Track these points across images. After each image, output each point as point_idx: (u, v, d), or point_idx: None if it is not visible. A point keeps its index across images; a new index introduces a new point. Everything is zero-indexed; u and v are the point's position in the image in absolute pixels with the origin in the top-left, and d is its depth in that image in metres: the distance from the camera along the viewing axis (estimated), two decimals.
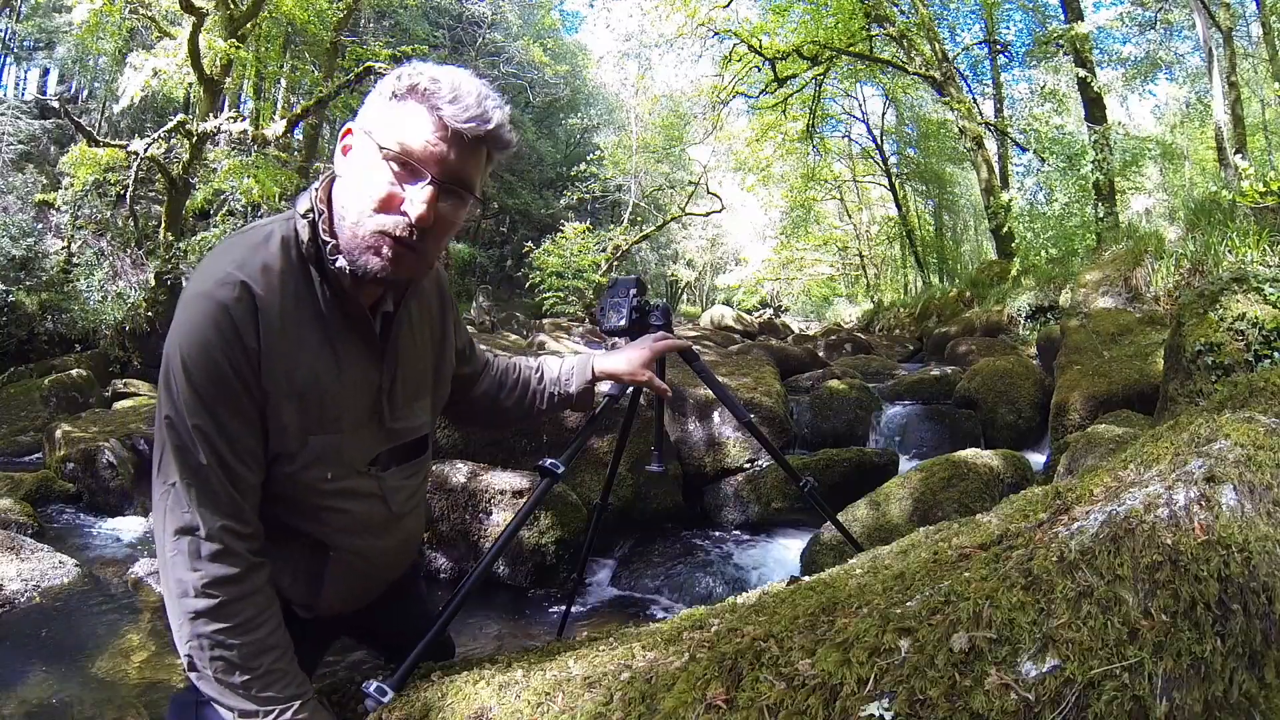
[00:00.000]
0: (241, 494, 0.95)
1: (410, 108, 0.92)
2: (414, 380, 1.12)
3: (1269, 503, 0.83)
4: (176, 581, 0.92)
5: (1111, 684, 0.70)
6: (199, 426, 0.91)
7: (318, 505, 1.03)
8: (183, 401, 0.91)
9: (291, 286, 0.95)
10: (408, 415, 1.12)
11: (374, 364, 1.05)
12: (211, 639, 0.92)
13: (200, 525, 0.91)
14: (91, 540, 3.96)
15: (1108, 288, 7.15)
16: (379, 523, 1.11)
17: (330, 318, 0.99)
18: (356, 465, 1.06)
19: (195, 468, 0.92)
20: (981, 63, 16.90)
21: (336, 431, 1.01)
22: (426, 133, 0.91)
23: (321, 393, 0.99)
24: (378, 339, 1.04)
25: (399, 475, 1.13)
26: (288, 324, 0.94)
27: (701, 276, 33.63)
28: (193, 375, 0.90)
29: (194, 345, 0.90)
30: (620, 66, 20.62)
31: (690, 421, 4.27)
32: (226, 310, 0.90)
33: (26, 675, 2.42)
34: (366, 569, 1.13)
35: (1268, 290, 3.04)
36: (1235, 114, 9.71)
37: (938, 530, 1.14)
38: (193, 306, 0.91)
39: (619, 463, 1.83)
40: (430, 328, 1.16)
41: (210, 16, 9.78)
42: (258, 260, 0.93)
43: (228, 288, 0.90)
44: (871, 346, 10.16)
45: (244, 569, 0.94)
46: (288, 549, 1.05)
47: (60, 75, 18.39)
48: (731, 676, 0.83)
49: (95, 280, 10.58)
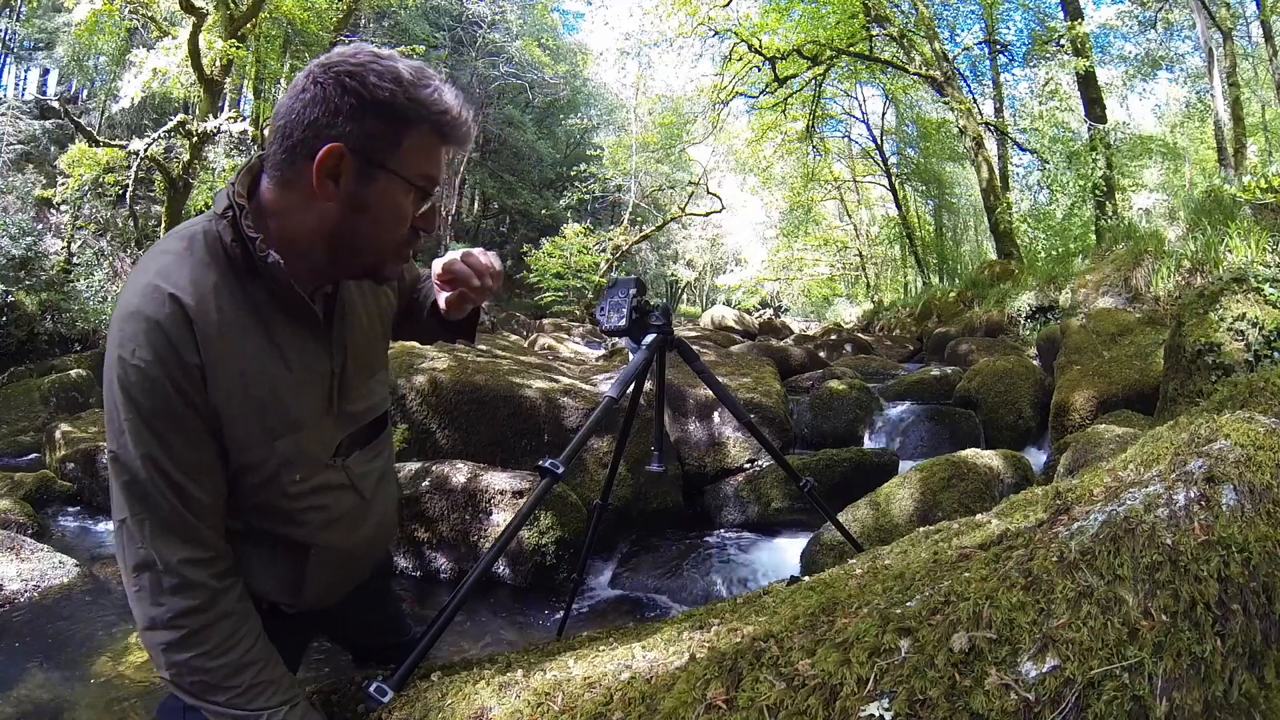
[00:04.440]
0: (199, 517, 0.91)
1: (423, 135, 0.90)
2: (365, 357, 1.09)
3: (1269, 503, 0.83)
4: (144, 616, 0.91)
5: (1111, 684, 0.70)
6: (147, 455, 0.87)
7: (292, 509, 1.00)
8: (129, 431, 0.86)
9: (225, 291, 0.90)
10: (364, 395, 1.09)
11: (322, 351, 1.01)
12: (187, 665, 0.91)
13: (157, 560, 0.89)
14: (91, 540, 3.96)
15: (1108, 288, 7.15)
16: (354, 512, 1.09)
17: (268, 315, 0.94)
18: (322, 459, 1.03)
19: (145, 500, 0.88)
20: (981, 63, 16.92)
21: (298, 430, 0.98)
22: (438, 158, 0.93)
23: (277, 394, 0.95)
24: (322, 325, 1.00)
25: (362, 460, 1.11)
26: (227, 331, 0.89)
27: (701, 277, 33.63)
28: (135, 401, 0.85)
29: (131, 370, 0.85)
30: (620, 66, 20.64)
31: (690, 421, 4.27)
32: (159, 327, 0.85)
33: (26, 675, 2.42)
34: (348, 560, 1.12)
35: (1268, 290, 3.04)
36: (1235, 114, 9.71)
37: (938, 530, 1.14)
38: (123, 328, 0.86)
39: (619, 463, 1.83)
40: (375, 294, 1.12)
41: (210, 16, 9.78)
42: (184, 268, 0.88)
43: (156, 303, 0.85)
44: (871, 347, 10.16)
45: (208, 598, 0.92)
46: (268, 554, 1.03)
47: (60, 75, 18.38)
48: (731, 676, 0.83)
49: (95, 280, 10.58)
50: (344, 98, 0.85)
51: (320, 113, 0.85)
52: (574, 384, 4.18)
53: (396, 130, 0.88)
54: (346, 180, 0.88)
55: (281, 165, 0.88)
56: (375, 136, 0.87)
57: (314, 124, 0.85)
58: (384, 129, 0.87)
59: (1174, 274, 6.36)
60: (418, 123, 0.88)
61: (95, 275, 10.77)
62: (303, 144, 0.86)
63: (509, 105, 23.78)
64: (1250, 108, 14.02)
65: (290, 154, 0.87)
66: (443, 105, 0.89)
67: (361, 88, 0.85)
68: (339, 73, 0.85)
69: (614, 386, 1.48)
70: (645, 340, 1.53)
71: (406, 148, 0.89)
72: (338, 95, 0.85)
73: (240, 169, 0.94)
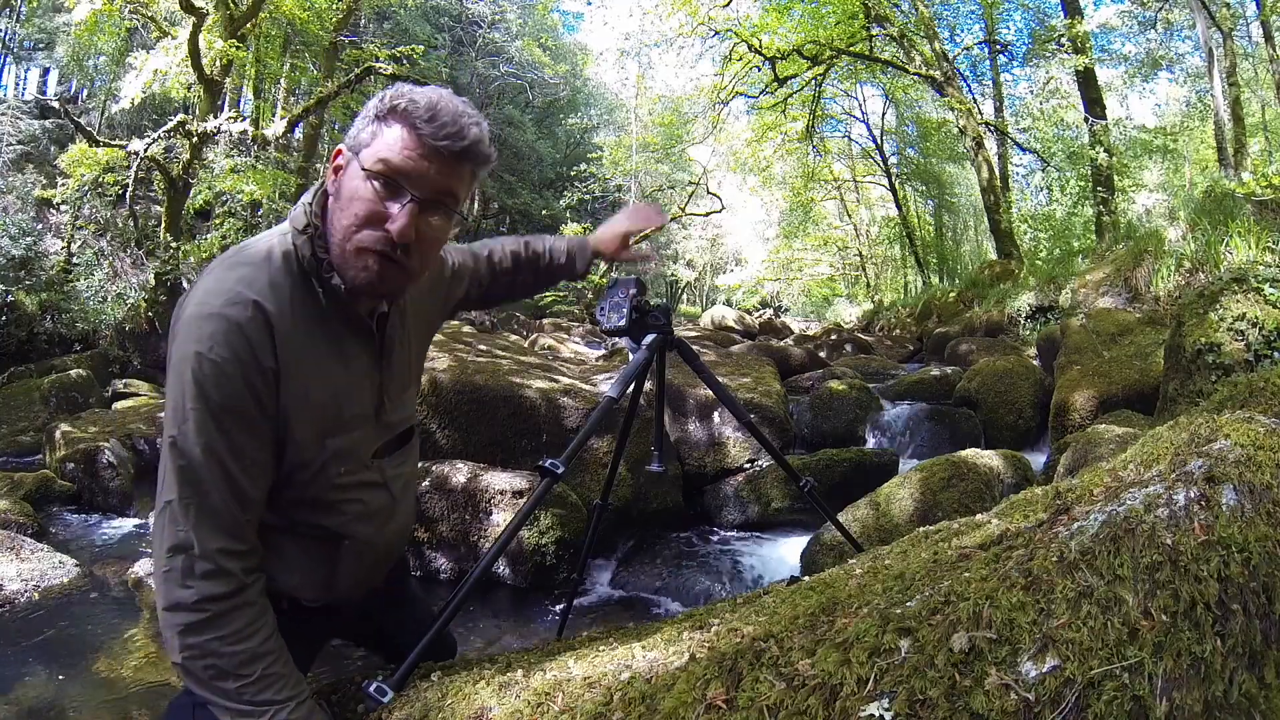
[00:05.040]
0: (245, 511, 0.96)
1: (391, 128, 0.96)
2: (403, 372, 1.17)
3: (1269, 503, 0.83)
4: (168, 596, 0.93)
5: (1111, 684, 0.70)
6: (210, 446, 0.91)
7: (333, 500, 1.07)
8: (194, 422, 0.90)
9: (299, 301, 0.97)
10: (401, 406, 1.17)
11: (374, 364, 1.09)
12: (203, 648, 0.92)
13: (195, 544, 0.92)
14: (91, 540, 3.96)
15: (1108, 288, 7.15)
16: (385, 509, 1.15)
17: (334, 326, 1.02)
18: (364, 460, 1.10)
19: (198, 486, 0.92)
20: (981, 63, 16.91)
21: (349, 432, 1.05)
22: (406, 150, 0.95)
23: (338, 398, 1.03)
24: (375, 338, 1.08)
25: (394, 464, 1.18)
26: (300, 339, 0.97)
27: (701, 277, 33.61)
28: (209, 396, 0.90)
29: (207, 364, 0.89)
30: (620, 66, 20.63)
31: (690, 421, 4.27)
32: (241, 330, 0.90)
33: (26, 675, 2.42)
34: (375, 553, 1.17)
35: (1268, 290, 3.04)
36: (1235, 114, 9.71)
37: (938, 530, 1.14)
38: (204, 326, 0.90)
39: (619, 463, 1.83)
40: (423, 312, 1.21)
41: (210, 16, 9.77)
42: (264, 278, 0.95)
43: (239, 306, 0.91)
44: (871, 347, 10.17)
45: (236, 586, 0.94)
46: (301, 546, 1.08)
47: (60, 75, 18.38)
48: (731, 676, 0.83)
49: (95, 280, 10.59)
50: (363, 117, 0.99)
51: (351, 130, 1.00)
52: (574, 384, 4.18)
53: (379, 126, 0.97)
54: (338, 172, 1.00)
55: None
56: (360, 133, 0.98)
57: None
58: (372, 127, 0.98)
59: (1174, 274, 6.36)
60: (391, 116, 0.97)
61: (95, 275, 10.78)
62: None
63: (509, 105, 23.79)
64: (1250, 108, 14.02)
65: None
66: (418, 100, 0.96)
67: (378, 103, 0.98)
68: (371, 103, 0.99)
69: (614, 386, 1.48)
70: (645, 340, 1.53)
71: (377, 140, 0.97)
72: (362, 117, 0.99)
73: (315, 188, 1.05)
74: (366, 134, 0.97)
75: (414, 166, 0.95)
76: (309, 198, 1.03)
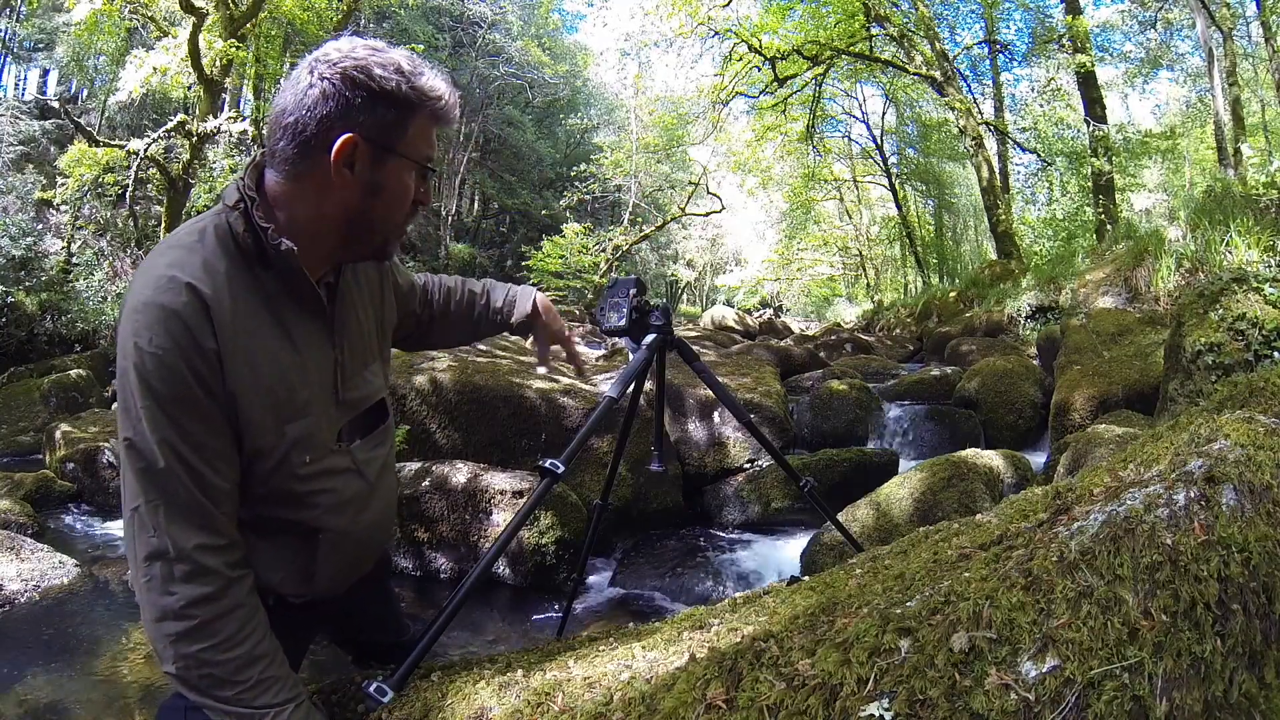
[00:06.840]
0: (215, 503, 0.93)
1: (417, 119, 0.97)
2: (361, 346, 1.13)
3: (1269, 503, 0.83)
4: (153, 607, 0.91)
5: (1111, 684, 0.70)
6: (165, 439, 0.88)
7: (301, 491, 1.03)
8: (145, 417, 0.88)
9: (237, 279, 0.94)
10: (360, 384, 1.13)
11: (326, 338, 1.05)
12: (196, 658, 0.91)
13: (170, 548, 0.89)
14: (91, 540, 3.96)
15: (1108, 288, 7.14)
16: (360, 496, 1.12)
17: (278, 303, 0.98)
18: (328, 444, 1.07)
19: (161, 485, 0.89)
20: (981, 63, 16.92)
21: (306, 414, 1.01)
22: (433, 139, 1.01)
23: (287, 379, 0.98)
24: (327, 312, 1.05)
25: (366, 447, 1.14)
26: (240, 318, 0.93)
27: (701, 277, 33.63)
28: (156, 391, 0.88)
29: (148, 357, 0.87)
30: (620, 66, 20.62)
31: (690, 421, 4.27)
32: (177, 315, 0.87)
33: (26, 675, 2.42)
34: (355, 545, 1.15)
35: (1268, 290, 3.04)
36: (1235, 114, 9.71)
37: (938, 530, 1.14)
38: (139, 317, 0.88)
39: (619, 462, 1.83)
40: (369, 288, 1.17)
41: (210, 16, 9.77)
42: (196, 260, 0.91)
43: (172, 292, 0.88)
44: (872, 346, 10.15)
45: (221, 585, 0.92)
46: (278, 542, 1.05)
47: (60, 75, 18.37)
48: (731, 676, 0.83)
49: (95, 280, 10.58)
50: (354, 92, 0.91)
51: (333, 107, 0.91)
52: (574, 384, 4.18)
53: (403, 117, 0.95)
54: (361, 167, 0.94)
55: (293, 160, 0.93)
56: (386, 125, 0.94)
57: (326, 118, 0.91)
58: (393, 117, 0.94)
59: (1174, 274, 6.36)
60: (420, 108, 0.96)
61: (95, 275, 10.77)
62: (316, 138, 0.92)
63: (509, 105, 23.78)
64: (1250, 108, 14.02)
65: (303, 148, 0.92)
66: (438, 91, 0.97)
67: (370, 80, 0.91)
68: (345, 69, 0.91)
69: (614, 386, 1.48)
70: (645, 340, 1.53)
71: (412, 133, 0.97)
72: (348, 90, 0.91)
73: (246, 165, 1.00)
74: (390, 122, 0.94)
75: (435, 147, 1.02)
76: (243, 173, 0.98)
